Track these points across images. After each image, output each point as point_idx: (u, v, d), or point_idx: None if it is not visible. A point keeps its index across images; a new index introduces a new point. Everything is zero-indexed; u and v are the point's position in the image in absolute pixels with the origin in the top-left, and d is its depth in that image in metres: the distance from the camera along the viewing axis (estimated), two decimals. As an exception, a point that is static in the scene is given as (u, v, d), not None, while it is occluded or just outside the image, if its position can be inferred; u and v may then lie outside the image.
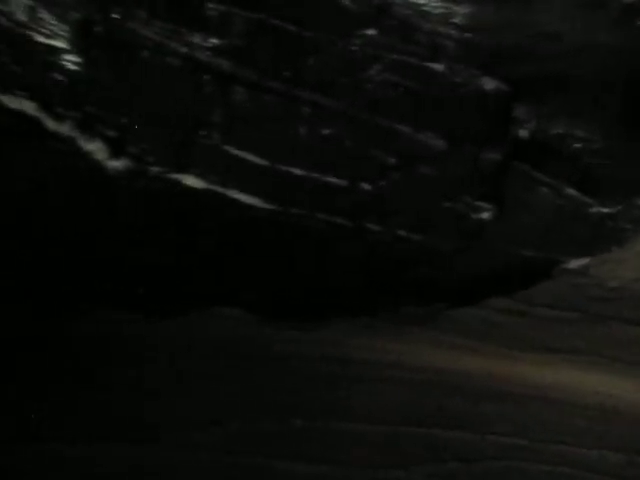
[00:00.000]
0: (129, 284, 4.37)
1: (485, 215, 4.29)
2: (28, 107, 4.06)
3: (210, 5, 3.93)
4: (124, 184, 4.16)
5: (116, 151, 4.13)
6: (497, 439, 4.41)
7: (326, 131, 4.11)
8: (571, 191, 4.25)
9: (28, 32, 3.94)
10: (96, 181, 4.16)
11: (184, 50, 3.98)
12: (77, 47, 3.97)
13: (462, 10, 4.06)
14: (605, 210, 4.23)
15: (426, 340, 4.44)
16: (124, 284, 4.36)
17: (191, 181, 4.19)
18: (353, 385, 4.37)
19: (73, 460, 4.17)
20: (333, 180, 4.20)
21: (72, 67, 3.99)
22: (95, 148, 4.11)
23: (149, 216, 4.29)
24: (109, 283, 4.36)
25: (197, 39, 3.96)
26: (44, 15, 3.92)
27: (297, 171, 4.17)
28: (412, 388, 4.40)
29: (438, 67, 4.08)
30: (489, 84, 4.11)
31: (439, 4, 4.05)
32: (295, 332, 4.39)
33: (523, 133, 4.21)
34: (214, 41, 3.96)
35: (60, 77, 4.01)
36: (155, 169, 4.16)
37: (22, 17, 3.90)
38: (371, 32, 4.02)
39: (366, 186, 4.22)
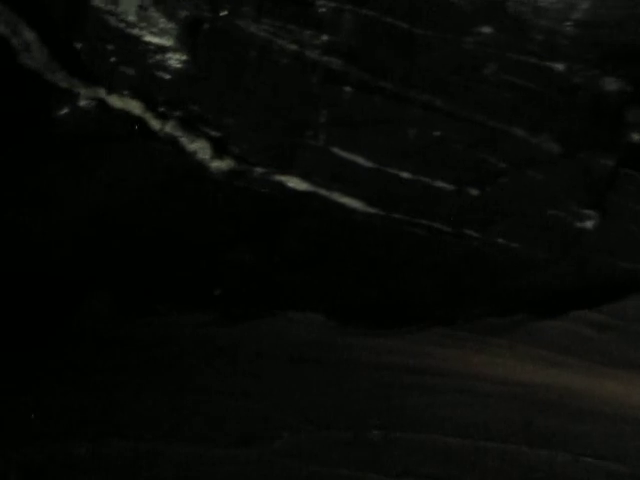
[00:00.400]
0: (210, 285, 4.32)
1: (588, 224, 4.10)
2: (133, 107, 4.05)
3: (320, 2, 3.84)
4: (226, 184, 4.11)
5: (219, 151, 4.08)
6: (593, 462, 4.16)
7: (436, 133, 3.98)
8: (680, 199, 4.05)
9: (138, 32, 3.93)
10: (198, 181, 4.12)
11: (293, 48, 3.90)
12: (185, 45, 3.94)
13: (582, 5, 3.86)
14: None
15: (511, 352, 4.26)
16: (205, 285, 4.32)
17: (294, 183, 4.11)
18: (433, 396, 4.21)
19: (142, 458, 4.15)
20: (441, 184, 4.06)
21: (178, 65, 3.96)
22: (198, 148, 4.07)
23: (248, 217, 4.23)
24: (191, 284, 4.32)
25: (306, 37, 3.88)
26: (153, 14, 3.91)
27: (405, 174, 4.05)
28: (496, 401, 4.21)
29: (557, 66, 3.90)
30: (611, 85, 3.91)
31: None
32: (374, 339, 4.27)
33: (637, 137, 4.00)
34: (324, 39, 3.87)
35: (166, 76, 3.98)
36: (258, 170, 4.09)
37: (133, 17, 3.89)
38: (486, 30, 3.87)
39: (473, 191, 4.07)
